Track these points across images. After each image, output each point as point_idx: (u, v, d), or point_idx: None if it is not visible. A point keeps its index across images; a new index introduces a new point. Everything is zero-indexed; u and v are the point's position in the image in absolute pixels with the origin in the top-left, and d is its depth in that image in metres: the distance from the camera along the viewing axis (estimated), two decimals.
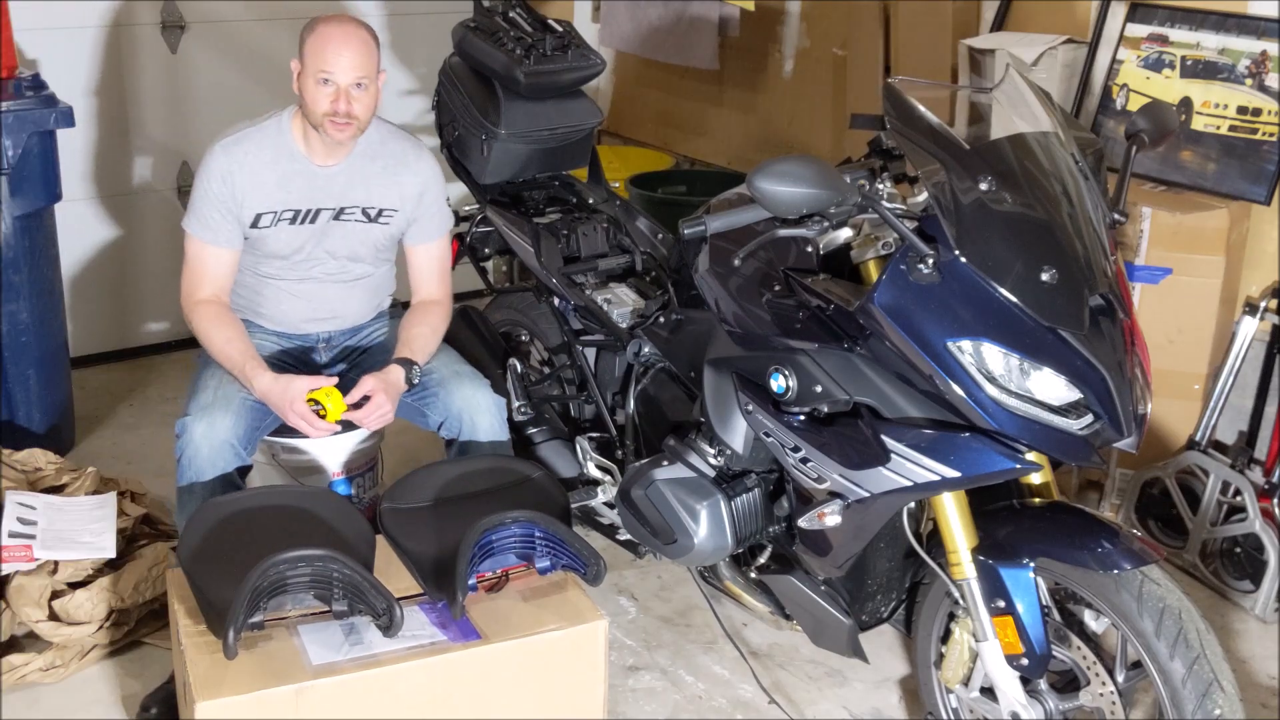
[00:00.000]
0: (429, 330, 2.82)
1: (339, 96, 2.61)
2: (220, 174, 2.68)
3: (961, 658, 2.30)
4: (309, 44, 2.64)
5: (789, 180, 2.00)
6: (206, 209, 2.69)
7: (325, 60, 2.60)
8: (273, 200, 2.70)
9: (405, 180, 2.80)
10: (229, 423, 2.57)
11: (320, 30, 2.64)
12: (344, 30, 2.63)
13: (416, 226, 2.86)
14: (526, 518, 2.33)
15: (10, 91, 3.41)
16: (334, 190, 2.74)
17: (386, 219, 2.80)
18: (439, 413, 2.77)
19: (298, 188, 2.71)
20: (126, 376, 4.33)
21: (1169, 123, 2.33)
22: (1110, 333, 2.04)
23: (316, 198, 2.73)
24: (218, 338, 2.66)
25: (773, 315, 2.30)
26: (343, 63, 2.60)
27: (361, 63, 2.63)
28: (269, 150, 2.70)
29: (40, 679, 2.73)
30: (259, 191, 2.69)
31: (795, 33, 4.51)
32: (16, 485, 2.98)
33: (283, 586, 2.15)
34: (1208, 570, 3.17)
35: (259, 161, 2.69)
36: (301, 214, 2.73)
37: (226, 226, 2.70)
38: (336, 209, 2.75)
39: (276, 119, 2.74)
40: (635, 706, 2.75)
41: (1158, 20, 3.43)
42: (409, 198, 2.81)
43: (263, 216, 2.70)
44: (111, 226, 4.33)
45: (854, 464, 2.15)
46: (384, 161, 2.78)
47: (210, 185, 2.68)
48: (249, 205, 2.69)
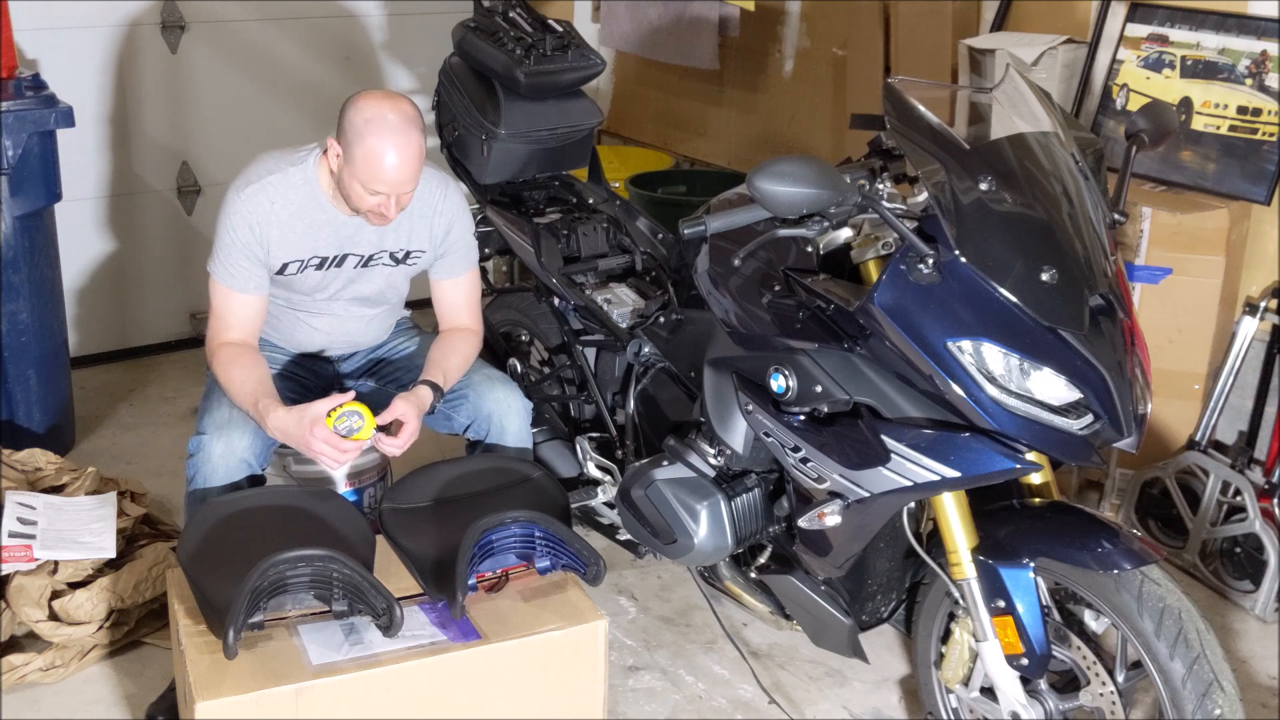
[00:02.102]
0: (461, 360, 2.73)
1: (386, 201, 2.49)
2: (248, 223, 2.54)
3: (961, 658, 2.30)
4: (359, 153, 2.43)
5: (789, 180, 2.00)
6: (233, 257, 2.56)
7: (377, 180, 2.44)
8: (300, 249, 2.60)
9: (435, 223, 2.70)
10: (246, 441, 2.52)
11: (372, 145, 2.42)
12: (401, 147, 2.43)
13: (444, 262, 2.77)
14: (526, 518, 2.33)
15: (10, 91, 3.41)
16: (362, 240, 2.64)
17: (414, 261, 2.73)
18: (467, 415, 2.74)
19: (325, 236, 2.61)
20: (126, 376, 4.33)
21: (1169, 123, 2.33)
22: (1110, 333, 2.04)
23: (344, 246, 2.64)
24: (235, 377, 2.52)
25: (773, 315, 2.30)
26: (397, 178, 2.45)
27: (414, 173, 2.47)
28: (295, 201, 2.56)
29: (40, 679, 2.73)
30: (286, 241, 2.57)
31: (795, 33, 4.51)
32: (16, 485, 2.98)
33: (283, 586, 2.15)
34: (1208, 570, 3.17)
35: (286, 212, 2.56)
36: (329, 260, 2.64)
37: (256, 274, 2.58)
38: (364, 256, 2.67)
39: (302, 168, 2.57)
40: (635, 706, 2.75)
41: (1158, 20, 3.43)
42: (437, 237, 2.72)
43: (290, 265, 2.61)
44: (111, 226, 4.33)
45: (854, 464, 2.15)
46: (412, 207, 2.65)
47: (237, 234, 2.54)
48: (276, 254, 2.59)
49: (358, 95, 2.50)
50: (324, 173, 2.57)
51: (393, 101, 2.48)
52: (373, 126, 2.43)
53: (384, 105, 2.46)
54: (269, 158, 2.60)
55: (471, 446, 2.79)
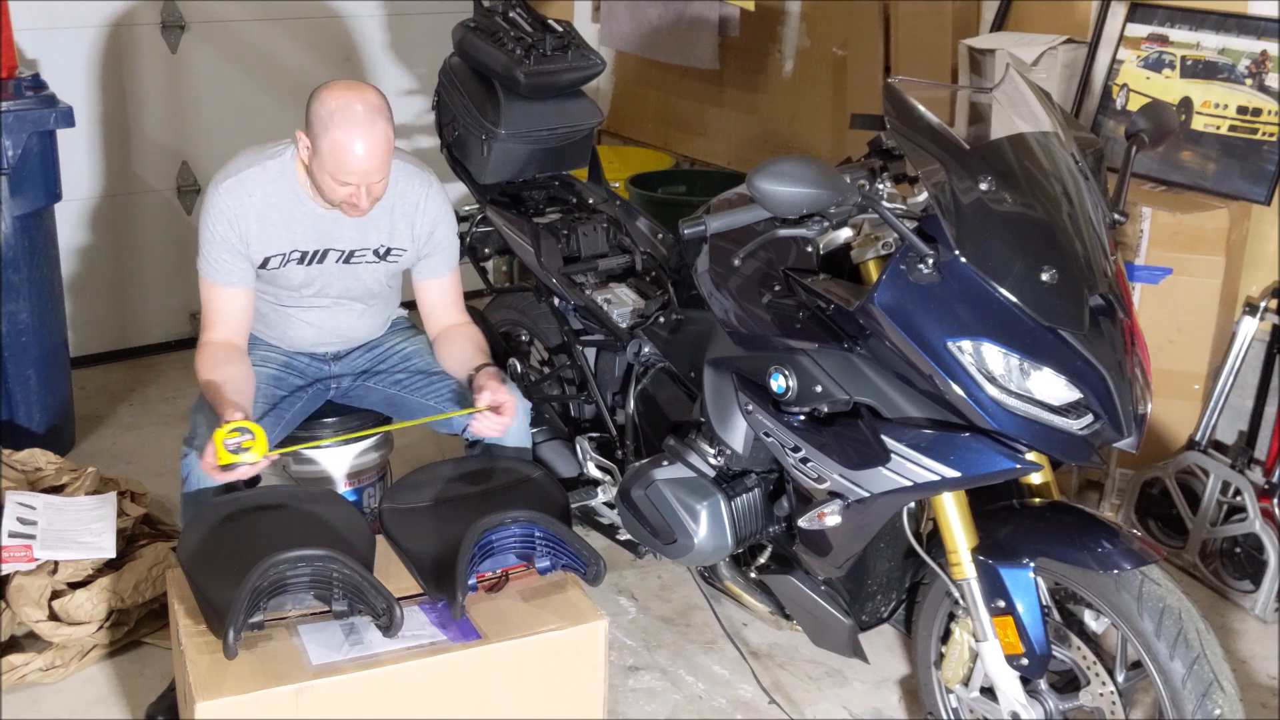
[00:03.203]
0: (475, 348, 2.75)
1: (357, 191, 2.49)
2: (226, 217, 2.56)
3: (961, 658, 2.30)
4: (325, 145, 2.44)
5: (789, 180, 2.00)
6: (215, 252, 2.59)
7: (345, 170, 2.45)
8: (280, 242, 2.61)
9: (416, 221, 2.71)
10: None
11: (338, 137, 2.42)
12: (367, 137, 2.43)
13: (427, 262, 2.78)
14: (526, 518, 2.33)
15: (10, 91, 3.41)
16: (342, 235, 2.65)
17: (396, 257, 2.74)
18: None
19: (304, 230, 2.62)
20: (126, 376, 4.33)
21: (1169, 123, 2.33)
22: (1110, 333, 2.04)
23: (324, 240, 2.64)
24: (206, 379, 2.53)
25: (773, 315, 2.30)
26: (365, 168, 2.45)
27: (382, 162, 2.47)
28: (273, 193, 2.58)
29: (40, 679, 2.73)
30: (265, 234, 2.59)
31: (795, 33, 4.51)
32: (16, 485, 2.98)
33: (283, 586, 2.15)
34: (1208, 570, 3.17)
35: (264, 204, 2.57)
36: (310, 255, 2.65)
37: (238, 267, 2.60)
38: (346, 252, 2.67)
39: (279, 160, 2.59)
40: (635, 706, 2.75)
41: (1158, 20, 3.43)
42: (420, 237, 2.73)
43: (271, 259, 2.62)
44: (111, 226, 4.33)
45: (854, 464, 2.15)
46: (393, 202, 2.67)
47: (216, 228, 2.57)
48: (256, 247, 2.60)
49: (322, 86, 2.49)
50: (301, 165, 2.58)
51: (357, 91, 2.47)
52: (338, 117, 2.42)
53: (349, 95, 2.45)
54: (248, 153, 2.62)
55: (471, 446, 2.79)
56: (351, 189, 2.49)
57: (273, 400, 2.70)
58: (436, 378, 2.81)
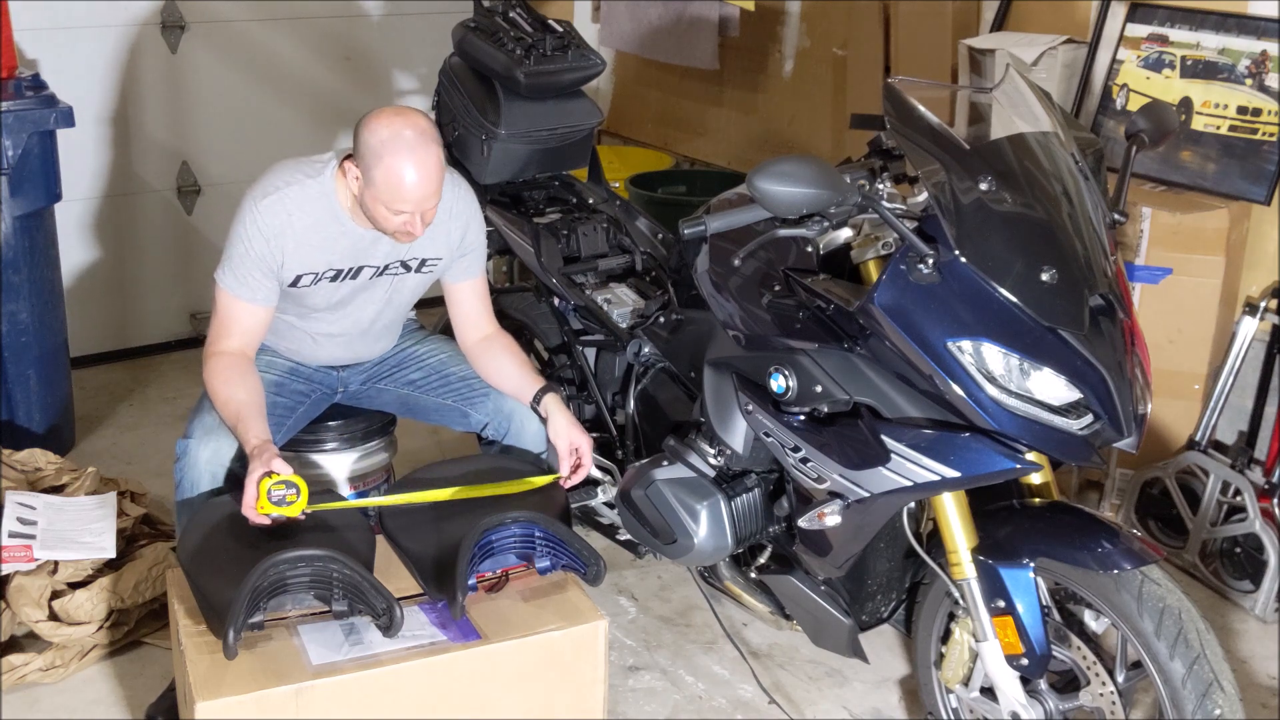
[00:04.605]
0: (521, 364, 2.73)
1: (412, 219, 2.44)
2: (264, 235, 2.48)
3: (961, 658, 2.30)
4: (379, 175, 2.38)
5: (789, 180, 2.00)
6: (244, 268, 2.50)
7: (401, 199, 2.39)
8: (315, 262, 2.55)
9: (452, 227, 2.65)
10: (234, 448, 2.48)
11: (391, 165, 2.37)
12: (420, 164, 2.38)
13: (461, 263, 2.72)
14: (526, 518, 2.33)
15: (10, 91, 3.41)
16: (378, 252, 2.60)
17: (429, 268, 2.68)
18: (485, 414, 2.73)
19: (341, 249, 2.55)
20: (126, 376, 4.33)
21: (1169, 123, 2.34)
22: (1110, 333, 2.04)
23: (360, 258, 2.59)
24: (221, 392, 2.48)
25: (773, 315, 2.30)
26: (420, 194, 2.40)
27: (436, 188, 2.43)
28: (312, 214, 2.51)
29: (40, 679, 2.73)
30: (301, 254, 2.52)
31: (795, 33, 4.51)
32: (16, 485, 2.98)
33: (283, 586, 2.15)
34: (1208, 570, 3.17)
35: (302, 225, 2.50)
36: (343, 272, 2.59)
37: (265, 285, 2.52)
38: (380, 266, 2.62)
39: (319, 181, 2.51)
40: (635, 706, 2.75)
41: (1158, 20, 3.43)
42: (454, 242, 2.68)
43: (303, 277, 2.56)
44: (111, 226, 4.33)
45: (854, 464, 2.15)
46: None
47: (252, 245, 2.48)
48: (290, 266, 2.53)
49: (370, 115, 2.44)
50: (341, 186, 2.51)
51: (406, 118, 2.42)
52: (390, 146, 2.37)
53: (398, 122, 2.40)
54: (284, 168, 2.54)
55: (486, 445, 2.77)
56: (406, 217, 2.43)
57: (276, 406, 2.63)
58: (451, 377, 2.78)
